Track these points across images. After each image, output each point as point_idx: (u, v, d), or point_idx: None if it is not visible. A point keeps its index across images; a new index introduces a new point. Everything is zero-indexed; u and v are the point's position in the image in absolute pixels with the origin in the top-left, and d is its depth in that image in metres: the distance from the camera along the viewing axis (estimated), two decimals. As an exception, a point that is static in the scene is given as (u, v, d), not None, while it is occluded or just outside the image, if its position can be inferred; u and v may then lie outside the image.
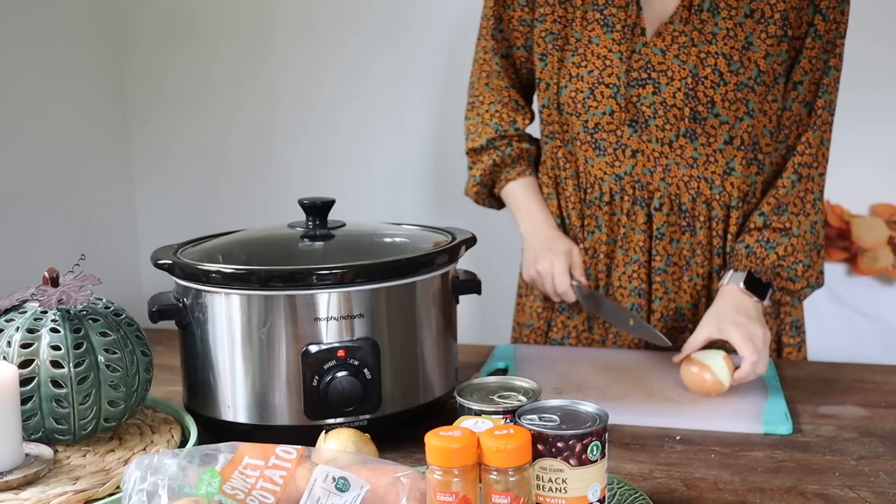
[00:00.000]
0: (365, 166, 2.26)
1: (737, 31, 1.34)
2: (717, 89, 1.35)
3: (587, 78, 1.40)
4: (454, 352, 1.21)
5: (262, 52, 2.27)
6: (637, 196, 1.43)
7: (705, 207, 1.41)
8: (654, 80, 1.37)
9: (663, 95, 1.37)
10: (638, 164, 1.41)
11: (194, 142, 2.33)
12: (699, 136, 1.38)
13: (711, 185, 1.40)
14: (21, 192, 1.93)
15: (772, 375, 1.34)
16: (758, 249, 1.37)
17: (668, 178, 1.41)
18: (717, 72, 1.35)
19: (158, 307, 1.12)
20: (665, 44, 1.36)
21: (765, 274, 1.37)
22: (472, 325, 1.64)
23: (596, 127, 1.41)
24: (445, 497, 0.78)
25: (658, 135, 1.39)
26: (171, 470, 0.82)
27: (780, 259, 1.37)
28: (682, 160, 1.39)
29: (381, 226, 1.31)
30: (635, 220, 1.43)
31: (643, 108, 1.38)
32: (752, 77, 1.35)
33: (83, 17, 2.18)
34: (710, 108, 1.36)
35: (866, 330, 2.23)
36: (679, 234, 1.42)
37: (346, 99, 2.25)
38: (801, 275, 1.39)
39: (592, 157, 1.43)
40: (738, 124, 1.37)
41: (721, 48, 1.34)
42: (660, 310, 1.46)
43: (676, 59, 1.36)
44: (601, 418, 0.85)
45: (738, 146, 1.38)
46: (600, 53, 1.39)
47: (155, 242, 1.26)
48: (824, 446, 1.10)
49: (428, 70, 2.18)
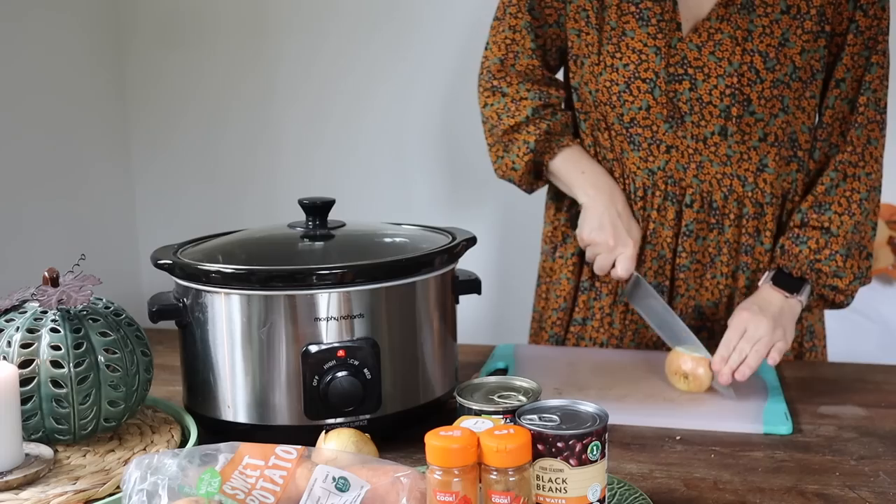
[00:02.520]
0: (365, 166, 2.26)
1: (773, 28, 1.33)
2: (753, 87, 1.34)
3: (622, 71, 1.38)
4: (454, 352, 1.21)
5: (263, 51, 2.27)
6: (669, 192, 1.42)
7: (736, 205, 1.41)
8: (691, 76, 1.36)
9: (699, 92, 1.36)
10: (672, 159, 1.40)
11: (194, 142, 2.33)
12: (734, 133, 1.37)
13: (744, 182, 1.40)
14: (21, 192, 1.93)
15: (772, 375, 1.34)
16: (788, 246, 1.36)
17: (701, 175, 1.40)
18: (753, 69, 1.34)
19: (158, 307, 1.12)
20: (701, 40, 1.35)
21: (797, 269, 1.36)
22: (472, 325, 1.64)
23: (632, 121, 1.40)
24: (445, 497, 0.78)
25: (693, 131, 1.38)
26: (171, 470, 0.82)
27: (813, 253, 1.35)
28: (716, 157, 1.39)
29: (381, 226, 1.31)
30: (665, 216, 1.42)
31: (680, 104, 1.37)
32: (788, 73, 1.34)
33: (83, 17, 2.18)
34: (745, 105, 1.35)
35: (866, 330, 2.23)
36: (706, 232, 1.42)
37: (346, 98, 2.25)
38: (845, 267, 1.36)
39: (627, 150, 1.42)
40: (773, 121, 1.36)
41: (757, 45, 1.33)
42: (680, 307, 1.45)
43: (713, 55, 1.35)
44: (601, 418, 0.85)
45: (773, 143, 1.37)
46: (636, 48, 1.37)
47: (155, 242, 1.26)
48: (824, 446, 1.10)
49: (429, 69, 2.18)
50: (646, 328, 1.48)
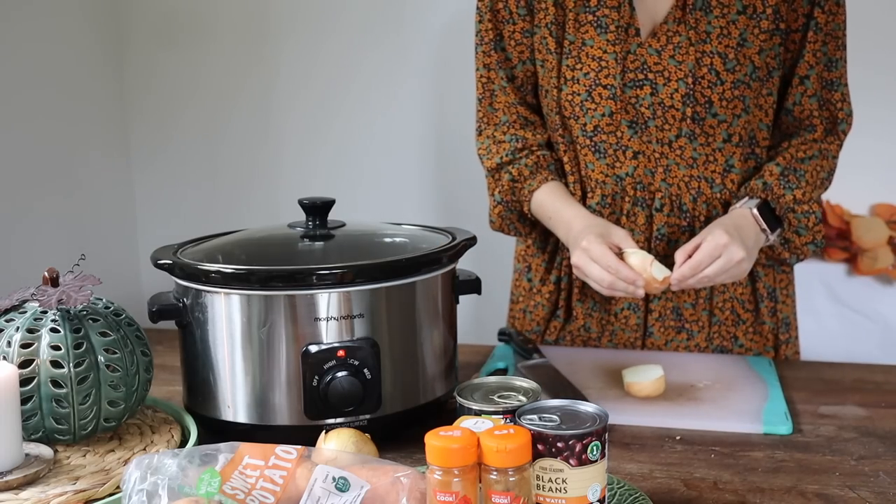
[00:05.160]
0: (365, 166, 2.26)
1: (731, 29, 1.34)
2: (714, 88, 1.35)
3: (583, 80, 1.39)
4: (454, 352, 1.21)
5: (262, 51, 2.27)
6: (638, 197, 1.42)
7: (706, 207, 1.41)
8: (652, 80, 1.36)
9: (661, 96, 1.36)
10: (639, 165, 1.41)
11: (194, 142, 2.33)
12: (698, 136, 1.38)
13: (712, 184, 1.40)
14: (21, 192, 1.93)
15: (772, 375, 1.34)
16: (776, 186, 1.35)
17: (668, 179, 1.40)
18: (713, 71, 1.35)
19: (158, 307, 1.12)
20: (660, 44, 1.36)
21: (779, 208, 1.36)
22: (472, 325, 1.64)
23: (595, 129, 1.40)
24: (445, 497, 0.78)
25: (658, 135, 1.38)
26: (171, 470, 0.82)
27: (795, 202, 1.35)
28: (683, 160, 1.39)
29: (381, 226, 1.31)
30: (636, 222, 1.43)
31: (642, 109, 1.38)
32: (748, 74, 1.35)
33: (83, 17, 2.18)
34: (708, 107, 1.36)
35: (866, 330, 2.23)
36: (679, 235, 1.42)
37: (346, 98, 2.25)
38: (810, 228, 1.37)
39: (592, 162, 1.42)
40: (736, 121, 1.37)
41: (716, 47, 1.34)
42: (658, 309, 1.46)
43: (672, 59, 1.35)
44: (601, 418, 0.85)
45: (737, 143, 1.38)
46: (595, 55, 1.38)
47: (155, 242, 1.26)
48: (824, 446, 1.10)
49: (430, 69, 2.18)
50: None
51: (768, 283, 1.48)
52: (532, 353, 1.38)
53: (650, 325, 1.46)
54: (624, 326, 1.48)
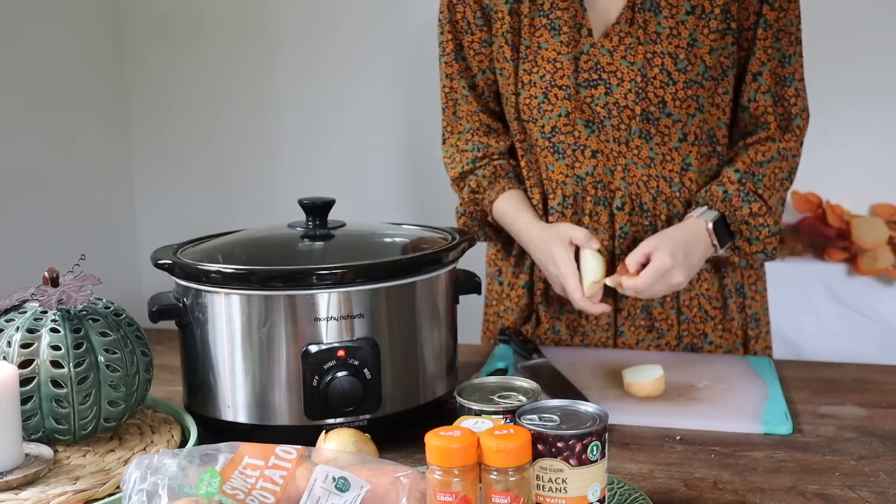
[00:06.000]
0: (365, 166, 2.26)
1: (680, 29, 1.35)
2: (666, 88, 1.35)
3: (539, 83, 1.39)
4: (454, 352, 1.21)
5: (262, 52, 2.27)
6: (599, 196, 1.42)
7: (666, 206, 1.42)
8: (605, 80, 1.37)
9: (615, 96, 1.37)
10: (598, 164, 1.41)
11: (194, 142, 2.33)
12: (654, 135, 1.38)
13: (670, 183, 1.41)
14: (21, 192, 1.94)
15: (772, 375, 1.34)
16: (735, 199, 1.36)
17: (628, 178, 1.41)
18: (664, 71, 1.35)
19: (158, 307, 1.12)
20: (612, 45, 1.36)
21: (734, 223, 1.37)
22: (472, 325, 1.64)
23: (553, 130, 1.41)
24: (445, 497, 0.78)
25: (615, 135, 1.39)
26: (171, 470, 0.82)
27: (751, 216, 1.36)
28: (640, 160, 1.40)
29: (381, 226, 1.31)
30: (598, 221, 1.43)
31: (597, 108, 1.38)
32: (700, 73, 1.35)
33: (83, 17, 2.18)
34: (661, 107, 1.36)
35: (866, 330, 2.23)
36: (642, 234, 1.42)
37: (346, 99, 2.25)
38: (761, 239, 1.38)
39: (552, 163, 1.43)
40: (691, 121, 1.38)
41: (666, 47, 1.35)
42: (627, 308, 1.46)
43: (624, 59, 1.36)
44: (601, 418, 0.85)
45: (693, 142, 1.39)
46: (550, 57, 1.38)
47: (155, 242, 1.26)
48: (824, 446, 1.10)
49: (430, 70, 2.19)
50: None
51: (736, 280, 1.48)
52: (532, 353, 1.38)
53: (620, 324, 1.47)
54: (595, 327, 1.48)
